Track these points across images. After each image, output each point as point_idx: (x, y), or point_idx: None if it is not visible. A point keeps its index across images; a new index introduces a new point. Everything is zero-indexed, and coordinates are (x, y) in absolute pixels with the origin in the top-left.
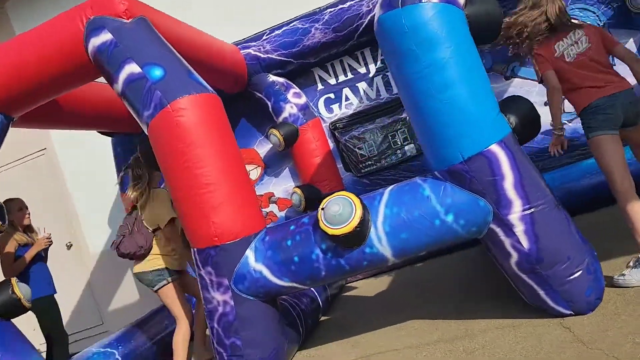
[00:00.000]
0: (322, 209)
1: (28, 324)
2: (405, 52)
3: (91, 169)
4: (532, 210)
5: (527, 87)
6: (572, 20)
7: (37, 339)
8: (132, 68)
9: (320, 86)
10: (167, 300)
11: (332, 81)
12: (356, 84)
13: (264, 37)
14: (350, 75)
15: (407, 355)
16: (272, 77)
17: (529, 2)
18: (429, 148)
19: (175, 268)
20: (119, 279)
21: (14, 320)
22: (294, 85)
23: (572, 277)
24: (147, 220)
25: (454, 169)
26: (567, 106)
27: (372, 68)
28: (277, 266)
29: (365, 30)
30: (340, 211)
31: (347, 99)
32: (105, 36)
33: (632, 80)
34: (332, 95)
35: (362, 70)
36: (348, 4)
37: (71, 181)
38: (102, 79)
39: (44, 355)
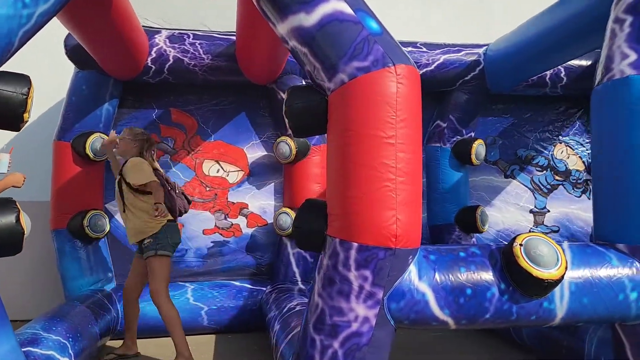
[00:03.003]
0: (521, 245)
1: None
2: None
3: None
4: None
5: (519, 191)
6: None
7: None
8: (339, 5)
9: None
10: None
11: None
12: None
13: None
14: None
15: None
16: (304, 82)
17: None
18: (620, 219)
19: None
20: None
21: None
22: None
23: None
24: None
25: None
26: None
27: None
28: (445, 293)
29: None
30: (549, 253)
31: None
32: None
33: None
34: None
35: None
36: (409, 49)
37: None
38: None
39: None
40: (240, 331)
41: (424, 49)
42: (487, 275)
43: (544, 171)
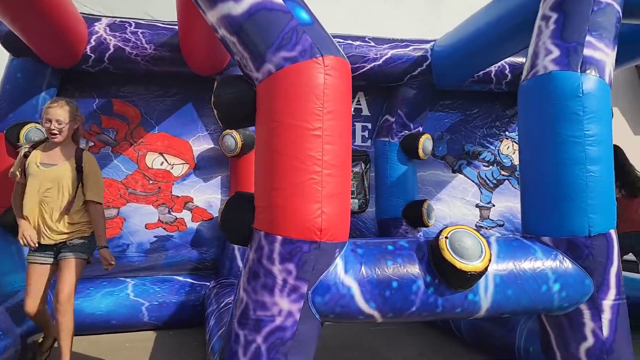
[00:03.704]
0: (447, 238)
1: None
2: (569, 114)
3: None
4: (620, 301)
5: (466, 186)
6: None
7: None
8: None
9: None
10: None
11: None
12: None
13: None
14: None
15: None
16: None
17: None
18: (546, 213)
19: None
20: None
21: None
22: None
23: None
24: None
25: (575, 240)
26: None
27: None
28: (370, 287)
29: (361, 75)
30: (473, 246)
31: None
32: None
33: None
34: None
35: None
36: (357, 42)
37: None
38: None
39: None
40: (183, 327)
41: (372, 44)
42: (414, 269)
43: (491, 166)
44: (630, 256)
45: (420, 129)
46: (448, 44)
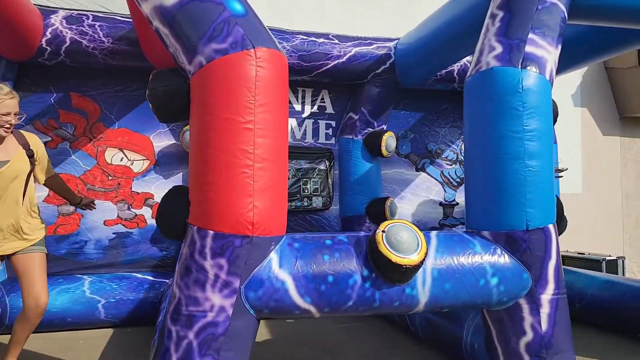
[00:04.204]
0: (384, 231)
1: None
2: (509, 109)
3: None
4: (559, 296)
5: (430, 184)
6: None
7: None
8: None
9: None
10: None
11: None
12: None
13: None
14: None
15: None
16: None
17: None
18: (486, 207)
19: None
20: None
21: None
22: None
23: None
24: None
25: (513, 234)
26: None
27: (308, 110)
28: (305, 281)
29: (325, 72)
30: (409, 239)
31: None
32: None
33: None
34: None
35: (298, 107)
36: (321, 40)
37: None
38: None
39: None
40: (141, 325)
41: (336, 41)
42: (351, 263)
43: (454, 165)
44: (592, 255)
45: (384, 127)
46: (410, 42)
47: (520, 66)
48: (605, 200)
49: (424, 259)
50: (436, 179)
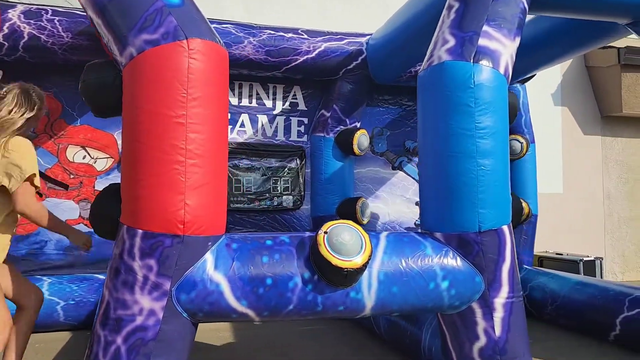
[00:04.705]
0: (326, 232)
1: None
2: (461, 105)
3: None
4: (513, 300)
5: (407, 183)
6: None
7: None
8: None
9: None
10: None
11: (234, 101)
12: (257, 115)
13: None
14: (254, 104)
15: None
16: None
17: None
18: (438, 207)
19: None
20: None
21: None
22: None
23: None
24: None
25: (466, 236)
26: None
27: (279, 106)
28: (242, 283)
29: (294, 68)
30: (352, 241)
31: (242, 125)
32: None
33: None
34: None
35: (269, 104)
36: (290, 35)
37: None
38: None
39: None
40: None
41: (305, 36)
42: (291, 265)
43: None
44: (571, 255)
45: (358, 124)
46: (381, 37)
47: (472, 60)
48: (587, 200)
49: (367, 262)
50: (414, 178)
